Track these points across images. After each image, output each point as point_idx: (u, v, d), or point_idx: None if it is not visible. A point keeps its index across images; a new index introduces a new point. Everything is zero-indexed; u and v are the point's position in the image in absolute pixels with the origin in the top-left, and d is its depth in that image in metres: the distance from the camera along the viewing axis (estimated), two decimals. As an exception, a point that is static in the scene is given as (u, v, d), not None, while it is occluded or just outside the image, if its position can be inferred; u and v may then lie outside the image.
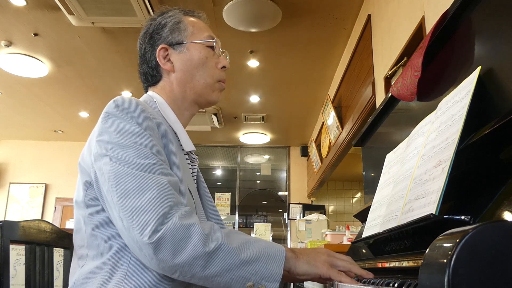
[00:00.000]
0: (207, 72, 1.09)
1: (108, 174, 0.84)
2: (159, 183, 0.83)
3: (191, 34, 1.09)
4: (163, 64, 1.07)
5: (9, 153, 7.39)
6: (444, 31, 1.07)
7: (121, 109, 0.90)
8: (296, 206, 6.89)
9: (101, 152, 0.87)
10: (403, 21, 2.47)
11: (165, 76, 1.09)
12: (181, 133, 1.06)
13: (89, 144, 0.94)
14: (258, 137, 7.04)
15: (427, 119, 1.00)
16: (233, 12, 3.47)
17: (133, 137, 0.87)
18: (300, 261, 0.87)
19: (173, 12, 1.11)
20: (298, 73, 4.80)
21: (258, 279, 0.81)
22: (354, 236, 2.19)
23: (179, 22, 1.09)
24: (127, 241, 0.83)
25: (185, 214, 0.82)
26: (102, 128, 0.90)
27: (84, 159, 0.95)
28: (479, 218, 0.67)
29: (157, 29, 1.09)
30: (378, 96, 2.93)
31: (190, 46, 1.08)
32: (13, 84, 5.09)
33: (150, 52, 1.09)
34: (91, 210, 0.91)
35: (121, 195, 0.82)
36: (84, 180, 0.93)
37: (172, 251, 0.78)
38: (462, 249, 0.44)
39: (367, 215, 1.22)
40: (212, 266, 0.80)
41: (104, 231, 0.89)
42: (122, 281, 0.84)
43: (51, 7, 3.57)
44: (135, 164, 0.84)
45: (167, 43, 1.07)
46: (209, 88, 1.10)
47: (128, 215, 0.80)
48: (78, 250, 0.95)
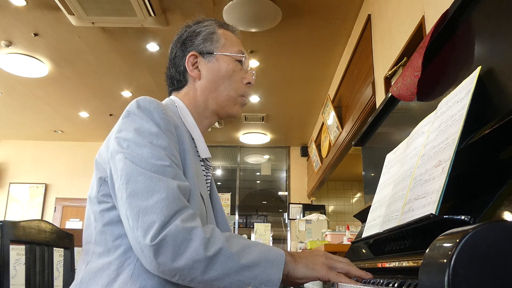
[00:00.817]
0: (232, 85, 1.11)
1: (121, 171, 0.85)
2: (168, 186, 0.83)
3: (222, 46, 1.11)
4: (191, 71, 1.09)
5: (9, 153, 7.39)
6: (444, 31, 1.07)
7: (142, 109, 0.92)
8: (296, 206, 6.88)
9: (117, 149, 0.88)
10: (403, 21, 2.47)
11: (191, 82, 1.11)
12: (198, 139, 1.07)
13: (108, 141, 0.96)
14: (258, 137, 7.04)
15: (427, 119, 1.00)
16: (233, 12, 3.47)
17: (150, 137, 0.88)
18: (298, 265, 0.88)
19: (209, 23, 1.13)
20: (298, 73, 4.80)
21: (257, 283, 0.82)
22: (354, 236, 2.19)
23: (213, 33, 1.12)
24: (131, 240, 0.84)
25: (188, 217, 0.83)
26: (121, 125, 0.92)
27: (101, 155, 0.96)
28: (479, 218, 0.67)
29: (191, 36, 1.11)
30: (378, 96, 2.93)
31: (219, 57, 1.10)
32: (13, 84, 5.09)
33: (180, 57, 1.11)
34: (102, 206, 0.92)
35: (130, 194, 0.82)
36: (99, 176, 0.94)
37: (173, 255, 0.78)
38: (462, 249, 0.44)
39: (367, 215, 1.22)
40: (212, 271, 0.80)
41: (114, 229, 0.90)
42: (127, 281, 0.85)
43: (51, 7, 3.57)
44: (148, 163, 0.85)
45: (197, 51, 1.10)
46: (231, 100, 1.11)
47: (134, 215, 0.81)
48: (85, 245, 0.96)
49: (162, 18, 3.64)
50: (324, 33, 3.97)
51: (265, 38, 4.03)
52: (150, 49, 4.29)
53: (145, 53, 4.36)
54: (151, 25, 3.68)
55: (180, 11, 3.63)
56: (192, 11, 3.63)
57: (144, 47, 4.24)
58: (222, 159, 8.38)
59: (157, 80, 4.95)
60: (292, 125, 6.54)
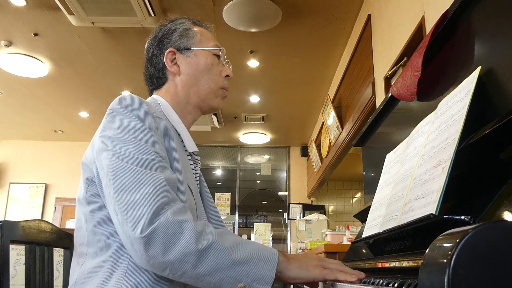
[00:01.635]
0: (211, 78, 1.12)
1: (107, 168, 0.85)
2: (155, 179, 0.83)
3: (199, 41, 1.13)
4: (170, 67, 1.11)
5: (9, 153, 7.39)
6: (444, 31, 1.07)
7: (125, 106, 0.92)
8: (296, 206, 6.88)
9: (102, 147, 0.89)
10: (403, 21, 2.47)
11: (171, 78, 1.12)
12: (184, 134, 1.08)
13: (93, 142, 0.96)
14: (258, 137, 7.04)
15: (427, 119, 1.00)
16: (233, 12, 3.48)
17: (135, 133, 0.89)
18: (291, 265, 0.88)
19: (183, 20, 1.16)
20: (298, 73, 4.80)
21: (250, 280, 0.81)
22: (354, 236, 2.19)
23: (188, 29, 1.14)
24: (121, 236, 0.83)
25: (178, 210, 0.82)
26: (105, 124, 0.92)
27: (87, 157, 0.96)
28: (479, 218, 0.67)
29: (167, 34, 1.13)
30: (378, 96, 2.93)
31: (197, 52, 1.12)
32: (13, 84, 5.09)
33: (158, 55, 1.13)
34: (92, 207, 0.92)
35: (118, 189, 0.82)
36: (86, 177, 0.94)
37: (163, 247, 0.78)
38: (462, 249, 0.44)
39: (367, 215, 1.22)
40: (203, 265, 0.79)
41: (105, 228, 0.90)
42: (122, 278, 0.85)
43: (51, 7, 3.57)
44: (134, 159, 0.85)
45: (175, 47, 1.11)
46: (212, 93, 1.13)
47: (122, 209, 0.80)
48: (78, 248, 0.96)
49: (162, 18, 3.63)
50: (324, 33, 3.97)
51: (265, 38, 4.03)
52: (150, 49, 4.28)
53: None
54: (151, 25, 3.68)
55: (180, 11, 3.63)
56: (192, 11, 3.63)
57: (144, 47, 4.24)
58: (222, 159, 8.38)
59: (157, 80, 4.94)
60: (292, 125, 6.54)
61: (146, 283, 0.85)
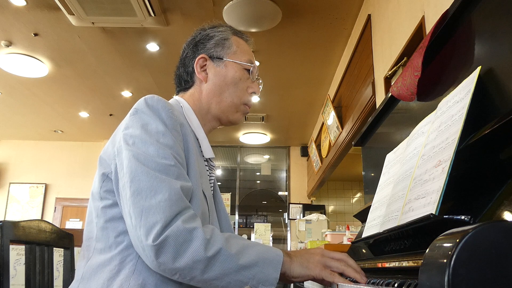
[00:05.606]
0: (236, 92, 1.12)
1: (126, 169, 0.86)
2: (171, 186, 0.84)
3: (233, 53, 1.13)
4: (198, 73, 1.11)
5: (9, 153, 7.39)
6: (444, 31, 1.07)
7: (150, 107, 0.93)
8: (296, 206, 6.89)
9: (123, 145, 0.90)
10: (403, 21, 2.47)
11: (197, 84, 1.13)
12: (202, 139, 1.08)
13: (114, 137, 0.97)
14: (258, 137, 7.04)
15: (427, 119, 1.00)
16: (233, 12, 3.47)
17: (157, 135, 0.90)
18: (294, 264, 0.89)
19: (224, 29, 1.15)
20: (298, 73, 4.80)
21: (255, 283, 0.84)
22: (354, 236, 2.19)
23: (226, 39, 1.13)
24: (133, 238, 0.85)
25: (189, 217, 0.84)
26: (129, 122, 0.93)
27: (106, 151, 0.97)
28: (479, 218, 0.67)
29: (204, 39, 1.13)
30: (378, 96, 2.93)
31: (228, 64, 1.12)
32: (13, 84, 5.09)
33: (190, 58, 1.13)
34: (104, 203, 0.93)
35: (134, 193, 0.83)
36: (102, 172, 0.95)
37: (173, 255, 0.80)
38: (462, 249, 0.44)
39: (367, 215, 1.22)
40: (211, 270, 0.82)
41: (116, 226, 0.91)
42: (130, 277, 0.86)
43: (51, 7, 3.57)
44: (153, 162, 0.86)
45: (208, 54, 1.12)
46: (233, 107, 1.13)
47: (137, 213, 0.82)
48: (86, 241, 0.97)
49: (162, 18, 3.64)
50: (324, 33, 3.97)
51: (265, 38, 4.03)
52: (150, 49, 4.29)
53: (145, 53, 4.36)
54: (151, 25, 3.68)
55: (180, 11, 3.63)
56: (192, 11, 3.63)
57: (144, 47, 4.24)
58: (222, 159, 8.38)
59: (157, 80, 4.95)
60: (292, 125, 6.54)
61: (154, 282, 0.86)
